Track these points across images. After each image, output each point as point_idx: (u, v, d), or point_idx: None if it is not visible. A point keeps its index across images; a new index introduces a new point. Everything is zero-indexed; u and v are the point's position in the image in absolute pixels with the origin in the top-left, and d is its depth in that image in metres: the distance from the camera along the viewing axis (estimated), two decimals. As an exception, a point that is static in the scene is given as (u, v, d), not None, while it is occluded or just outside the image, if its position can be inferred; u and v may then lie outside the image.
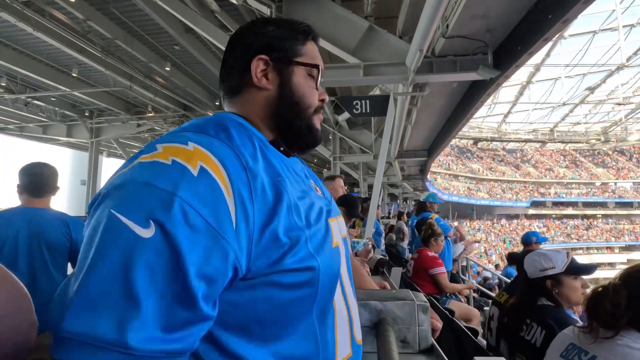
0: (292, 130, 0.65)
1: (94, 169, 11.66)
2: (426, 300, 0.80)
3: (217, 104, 9.79)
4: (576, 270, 1.46)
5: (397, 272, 2.22)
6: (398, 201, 23.02)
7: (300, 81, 0.66)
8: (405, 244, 5.92)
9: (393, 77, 5.25)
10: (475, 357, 0.55)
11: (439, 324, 0.84)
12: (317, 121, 0.69)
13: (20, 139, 13.16)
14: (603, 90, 33.00)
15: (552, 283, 1.43)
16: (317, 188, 0.69)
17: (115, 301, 0.38)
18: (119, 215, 0.41)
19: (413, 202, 22.60)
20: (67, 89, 8.35)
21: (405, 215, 7.11)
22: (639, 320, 0.93)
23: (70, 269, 1.93)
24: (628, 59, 27.53)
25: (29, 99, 9.38)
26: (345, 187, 2.95)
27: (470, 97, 7.47)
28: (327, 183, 2.60)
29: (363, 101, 5.37)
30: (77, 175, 22.15)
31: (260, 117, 0.64)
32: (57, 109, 10.51)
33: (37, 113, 10.56)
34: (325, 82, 5.22)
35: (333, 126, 10.83)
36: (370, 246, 2.73)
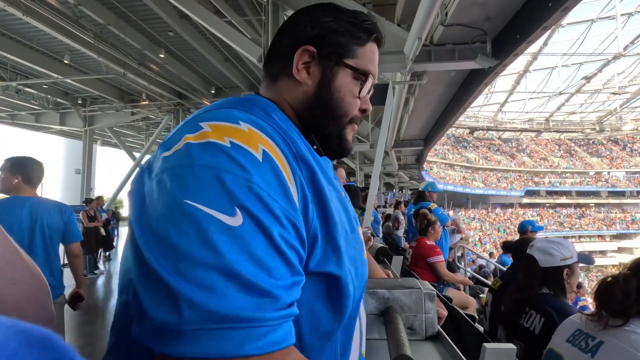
0: (323, 135, 0.60)
1: (88, 157, 11.54)
2: (432, 288, 0.81)
3: (212, 92, 9.67)
4: (583, 259, 1.50)
5: (398, 260, 2.24)
6: (394, 190, 23.12)
7: (342, 85, 0.59)
8: (400, 232, 5.97)
9: (391, 65, 5.20)
10: (485, 344, 0.56)
11: (445, 312, 0.85)
12: (350, 132, 0.62)
13: (12, 127, 12.96)
14: (599, 80, 33.06)
15: (568, 272, 1.46)
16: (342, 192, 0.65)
17: (234, 285, 0.37)
18: (199, 206, 0.38)
19: (409, 191, 22.74)
20: (59, 76, 8.20)
21: (402, 205, 7.15)
22: None
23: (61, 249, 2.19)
24: (625, 48, 27.51)
25: (20, 87, 9.20)
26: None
27: (468, 86, 7.45)
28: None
29: (361, 90, 5.33)
30: (71, 164, 21.94)
31: (293, 110, 0.59)
32: (49, 96, 10.33)
33: (29, 101, 10.37)
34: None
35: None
36: (369, 234, 2.75)
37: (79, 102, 10.92)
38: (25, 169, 2.04)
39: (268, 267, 0.39)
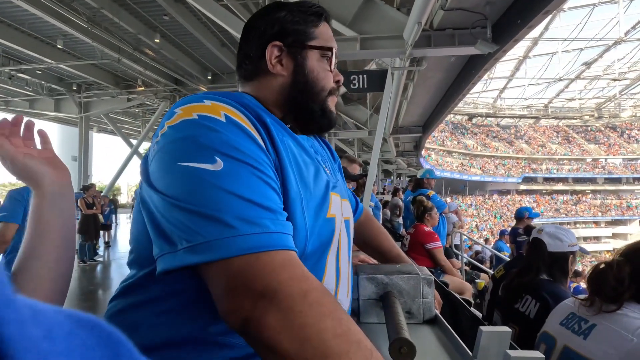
0: (306, 114, 0.68)
1: (84, 144, 11.45)
2: (430, 274, 0.83)
3: (209, 77, 9.55)
4: (582, 250, 1.56)
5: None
6: (392, 177, 23.16)
7: (314, 65, 0.67)
8: (400, 219, 6.01)
9: (390, 50, 5.14)
10: (481, 327, 0.57)
11: (439, 301, 0.88)
12: (331, 103, 0.70)
13: (6, 114, 12.79)
14: (599, 66, 32.82)
15: (572, 259, 1.50)
16: (326, 167, 0.71)
17: (233, 203, 0.47)
18: (189, 164, 0.49)
19: (407, 178, 22.78)
20: (53, 62, 8.05)
21: (400, 192, 7.18)
22: None
23: None
24: (626, 33, 27.24)
25: (13, 72, 9.04)
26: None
27: (468, 72, 7.38)
28: (345, 161, 2.69)
29: (360, 76, 5.27)
30: (67, 151, 21.79)
31: (274, 101, 0.67)
32: (43, 82, 10.17)
33: (23, 87, 10.21)
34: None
35: (328, 101, 10.66)
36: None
37: (74, 88, 10.76)
38: None
39: (256, 189, 0.49)
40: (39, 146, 0.64)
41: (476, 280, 4.12)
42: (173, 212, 0.48)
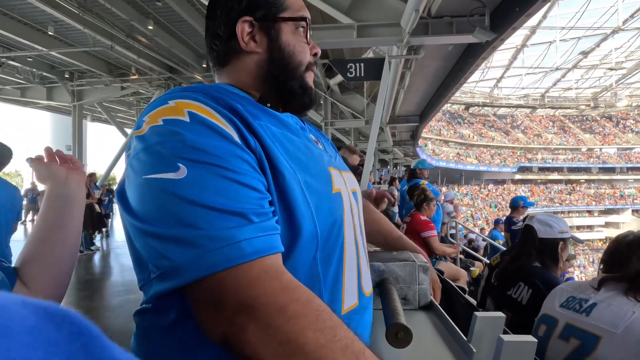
0: (286, 92, 0.64)
1: (78, 133, 11.33)
2: (426, 261, 0.84)
3: (204, 66, 9.42)
4: (574, 238, 1.58)
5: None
6: (388, 167, 23.20)
7: (288, 38, 0.63)
8: (396, 208, 6.05)
9: (388, 38, 5.09)
10: (475, 312, 0.58)
11: (439, 285, 0.89)
12: (309, 79, 0.66)
13: (-3, 103, 12.60)
14: (596, 55, 32.72)
15: (562, 246, 1.52)
16: (318, 141, 0.68)
17: (202, 215, 0.45)
18: (153, 176, 0.47)
19: (403, 168, 22.84)
20: (44, 49, 7.90)
21: (397, 181, 7.20)
22: None
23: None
24: (624, 22, 27.10)
25: (3, 59, 8.86)
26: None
27: (465, 60, 7.33)
28: (346, 152, 2.67)
29: (357, 64, 5.23)
30: (60, 140, 21.53)
31: (252, 83, 0.63)
32: (34, 70, 9.99)
33: (14, 74, 10.03)
34: (317, 43, 5.02)
35: (325, 90, 10.58)
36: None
37: (66, 76, 10.58)
38: None
39: (223, 193, 0.46)
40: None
41: (470, 268, 4.17)
42: (142, 236, 0.47)
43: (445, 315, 0.69)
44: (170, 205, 0.45)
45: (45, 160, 0.76)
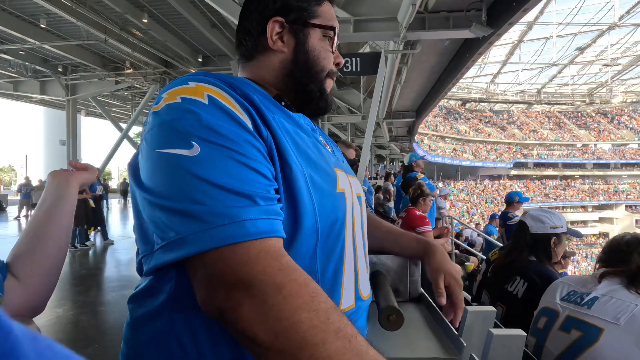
0: (305, 94, 0.67)
1: (72, 128, 11.21)
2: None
3: (199, 60, 9.34)
4: (572, 232, 1.61)
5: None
6: (385, 162, 23.24)
7: (315, 43, 0.66)
8: (391, 204, 6.06)
9: (384, 33, 5.07)
10: (467, 307, 0.59)
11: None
12: (328, 86, 0.69)
13: (-10, 96, 12.43)
14: (592, 51, 32.84)
15: (555, 241, 1.53)
16: (326, 144, 0.70)
17: (209, 191, 0.46)
18: (166, 150, 0.48)
19: (400, 163, 22.89)
20: (36, 42, 7.78)
21: (392, 176, 7.21)
22: None
23: None
24: (620, 18, 27.16)
25: (-5, 53, 8.74)
26: None
27: (462, 56, 7.33)
28: (342, 146, 2.65)
29: (353, 59, 5.20)
30: (54, 135, 21.35)
31: (273, 80, 0.66)
32: (27, 63, 9.84)
33: (6, 68, 9.89)
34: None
35: (321, 85, 10.51)
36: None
37: (60, 69, 10.44)
38: None
39: (234, 175, 0.48)
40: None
41: (465, 263, 4.21)
42: (150, 208, 0.48)
43: (436, 307, 0.69)
44: (180, 180, 0.47)
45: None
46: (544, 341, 1.13)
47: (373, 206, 5.57)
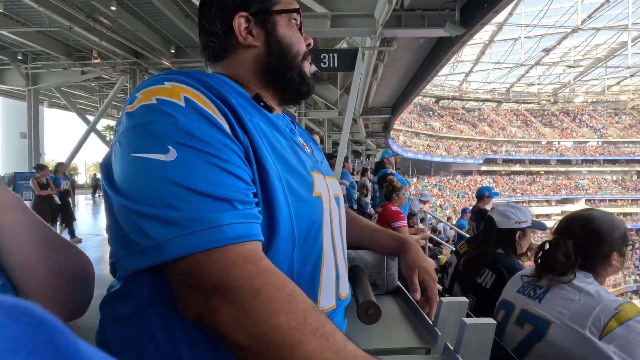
0: (285, 82, 0.66)
1: (34, 120, 10.59)
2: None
3: (172, 51, 9.04)
4: (537, 225, 1.67)
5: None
6: (361, 158, 23.48)
7: (284, 30, 0.66)
8: (368, 199, 6.15)
9: (361, 29, 5.10)
10: (442, 298, 0.61)
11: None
12: (306, 68, 0.69)
13: (-61, 85, 11.51)
14: (557, 53, 34.44)
15: (520, 234, 1.60)
16: (306, 145, 0.69)
17: (206, 202, 0.46)
18: (141, 155, 0.47)
19: (376, 159, 23.18)
20: (-7, 27, 7.28)
21: (369, 172, 7.31)
22: (583, 264, 1.09)
23: None
24: (583, 22, 28.57)
25: (-54, 37, 8.10)
26: None
27: (436, 54, 7.50)
28: None
29: (331, 54, 5.21)
30: (14, 127, 20.05)
31: (251, 77, 0.65)
32: (-18, 50, 9.20)
33: (-42, 54, 9.20)
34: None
35: (298, 80, 10.46)
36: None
37: (19, 57, 9.82)
38: None
39: (211, 179, 0.47)
40: None
41: (438, 256, 4.34)
42: (125, 213, 0.47)
43: (411, 298, 0.71)
44: (157, 186, 0.46)
45: None
46: (502, 335, 1.17)
47: (358, 198, 5.67)
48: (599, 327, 0.95)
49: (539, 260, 1.17)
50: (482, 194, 4.57)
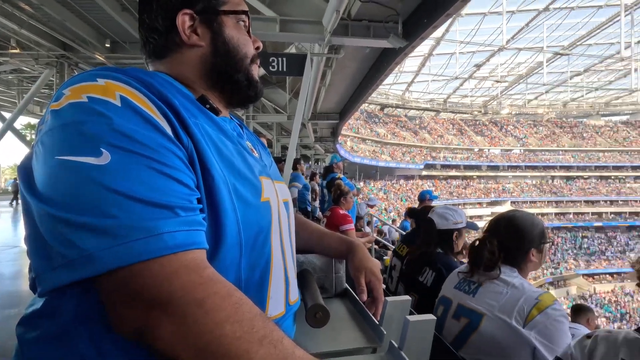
0: (232, 84, 0.64)
1: None
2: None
3: (107, 45, 8.36)
4: (470, 225, 1.80)
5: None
6: (310, 162, 23.66)
7: (231, 31, 0.63)
8: (317, 203, 6.21)
9: (310, 35, 5.16)
10: (387, 297, 0.64)
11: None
12: (255, 72, 0.67)
13: None
14: (487, 68, 37.98)
15: (456, 234, 1.73)
16: (254, 149, 0.67)
17: (145, 207, 0.42)
18: (68, 158, 0.42)
19: (325, 163, 23.53)
20: None
21: (317, 176, 7.40)
22: (508, 259, 1.22)
23: None
24: (507, 42, 31.81)
25: None
26: None
27: (381, 64, 7.84)
28: None
29: (279, 58, 5.20)
30: None
31: (196, 77, 0.62)
32: None
33: None
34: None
35: (246, 83, 10.28)
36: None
37: None
38: None
39: (149, 185, 0.44)
40: None
41: (384, 258, 4.51)
42: (49, 221, 0.42)
43: (358, 300, 0.73)
44: (87, 192, 0.42)
45: None
46: (441, 329, 1.25)
47: (310, 201, 5.69)
48: (523, 316, 1.06)
49: (470, 258, 1.28)
50: (424, 198, 4.85)
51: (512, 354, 1.03)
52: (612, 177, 41.79)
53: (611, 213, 39.01)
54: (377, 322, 0.65)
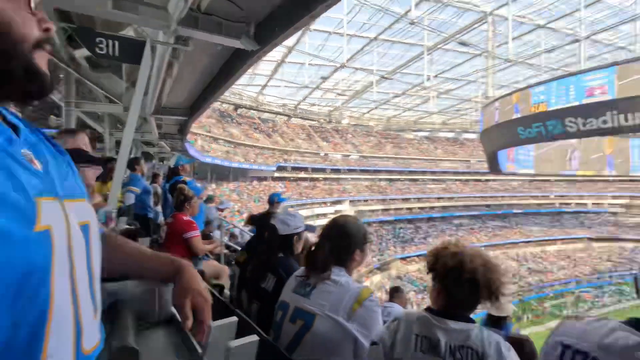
0: (2, 76, 0.47)
1: None
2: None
3: None
4: (308, 228, 1.93)
5: (144, 243, 2.06)
6: (154, 161, 21.19)
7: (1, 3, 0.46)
8: (159, 208, 5.59)
9: (152, 21, 4.59)
10: (211, 322, 0.60)
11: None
12: (41, 60, 0.50)
13: None
14: (331, 81, 42.46)
15: (296, 238, 1.81)
16: (35, 160, 0.51)
17: None
18: None
19: (170, 163, 21.49)
20: None
21: (160, 177, 6.67)
22: (338, 260, 1.35)
23: None
24: (347, 60, 36.37)
25: None
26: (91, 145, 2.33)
27: (233, 63, 7.70)
28: (66, 138, 1.97)
29: (110, 41, 4.43)
30: None
31: None
32: None
33: None
34: (54, 0, 3.89)
35: (67, 62, 8.37)
36: (113, 215, 2.38)
37: None
38: None
39: None
40: None
41: (233, 263, 4.42)
42: None
43: (184, 328, 0.67)
44: None
45: None
46: (280, 333, 1.30)
47: (151, 206, 4.97)
48: (348, 312, 1.19)
49: (306, 261, 1.37)
50: (273, 200, 5.00)
51: (338, 349, 1.14)
52: (419, 180, 53.59)
53: (418, 208, 49.88)
54: (201, 351, 0.60)
